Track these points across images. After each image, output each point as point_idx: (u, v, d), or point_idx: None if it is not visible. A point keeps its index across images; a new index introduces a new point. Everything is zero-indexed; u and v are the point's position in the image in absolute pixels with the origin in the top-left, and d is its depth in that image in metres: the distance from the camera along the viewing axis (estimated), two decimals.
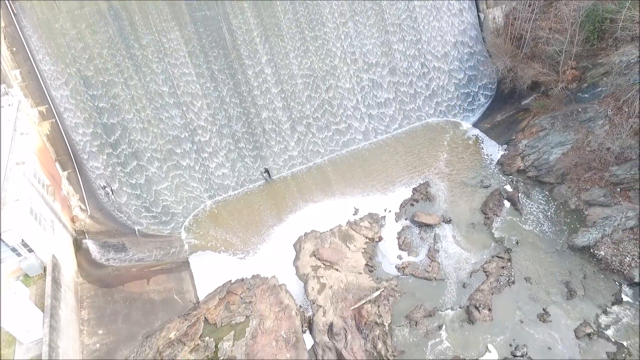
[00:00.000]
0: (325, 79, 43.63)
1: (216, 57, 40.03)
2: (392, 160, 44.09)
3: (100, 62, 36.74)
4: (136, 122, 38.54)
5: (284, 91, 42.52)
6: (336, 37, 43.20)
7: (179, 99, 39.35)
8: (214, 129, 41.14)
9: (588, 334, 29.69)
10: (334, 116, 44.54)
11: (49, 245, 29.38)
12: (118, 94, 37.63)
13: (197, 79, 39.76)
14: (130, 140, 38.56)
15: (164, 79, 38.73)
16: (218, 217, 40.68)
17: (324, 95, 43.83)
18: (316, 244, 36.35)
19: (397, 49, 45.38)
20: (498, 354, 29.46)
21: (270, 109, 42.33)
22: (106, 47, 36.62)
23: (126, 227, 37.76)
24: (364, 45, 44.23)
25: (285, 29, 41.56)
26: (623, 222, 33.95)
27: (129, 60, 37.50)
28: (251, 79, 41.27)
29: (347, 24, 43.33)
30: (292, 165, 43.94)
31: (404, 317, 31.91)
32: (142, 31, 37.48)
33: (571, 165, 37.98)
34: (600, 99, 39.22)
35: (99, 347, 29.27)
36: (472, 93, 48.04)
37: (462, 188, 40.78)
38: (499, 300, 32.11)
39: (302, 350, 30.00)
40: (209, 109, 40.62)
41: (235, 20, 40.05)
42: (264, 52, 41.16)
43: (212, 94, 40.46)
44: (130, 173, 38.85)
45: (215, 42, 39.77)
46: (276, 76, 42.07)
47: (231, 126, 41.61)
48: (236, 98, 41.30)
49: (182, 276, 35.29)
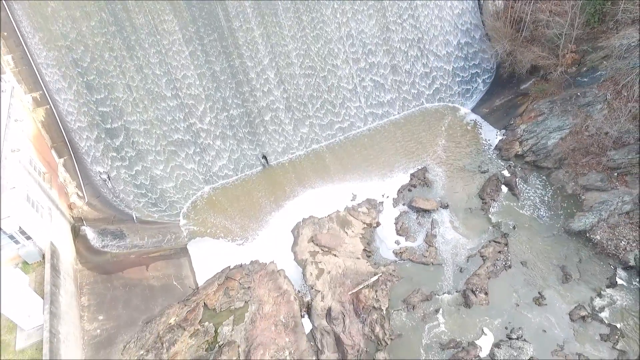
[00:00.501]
0: (325, 65, 43.07)
1: (209, 36, 39.22)
2: (390, 146, 43.97)
3: (96, 50, 36.09)
4: (132, 108, 38.12)
5: (279, 72, 42.00)
6: (332, 14, 42.47)
7: (172, 76, 38.67)
8: (211, 115, 40.76)
9: (582, 317, 30.14)
10: (332, 105, 44.13)
11: (46, 233, 29.37)
12: (115, 84, 37.08)
13: (190, 59, 39.04)
14: (127, 127, 38.19)
15: (158, 61, 38.12)
16: (216, 203, 40.68)
17: (322, 84, 43.34)
18: (314, 229, 36.47)
19: (395, 30, 44.70)
20: (494, 336, 29.92)
21: (266, 92, 41.86)
22: (100, 33, 35.91)
23: (124, 214, 37.75)
24: (360, 30, 43.56)
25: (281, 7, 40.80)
26: (619, 206, 34.13)
27: (121, 41, 36.78)
28: (247, 61, 40.68)
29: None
30: (290, 152, 43.75)
31: (401, 302, 32.26)
32: (134, 11, 36.71)
33: (569, 150, 37.96)
34: (599, 83, 38.98)
35: (100, 332, 29.56)
36: (471, 77, 47.63)
37: (460, 173, 40.79)
38: (495, 284, 32.47)
39: (301, 334, 30.38)
40: (205, 91, 40.12)
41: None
42: (257, 26, 40.33)
43: (205, 74, 39.84)
44: (127, 160, 38.60)
45: (208, 19, 39.01)
46: (273, 60, 41.51)
47: (228, 110, 41.22)
48: (232, 81, 40.79)
49: (181, 262, 35.46)
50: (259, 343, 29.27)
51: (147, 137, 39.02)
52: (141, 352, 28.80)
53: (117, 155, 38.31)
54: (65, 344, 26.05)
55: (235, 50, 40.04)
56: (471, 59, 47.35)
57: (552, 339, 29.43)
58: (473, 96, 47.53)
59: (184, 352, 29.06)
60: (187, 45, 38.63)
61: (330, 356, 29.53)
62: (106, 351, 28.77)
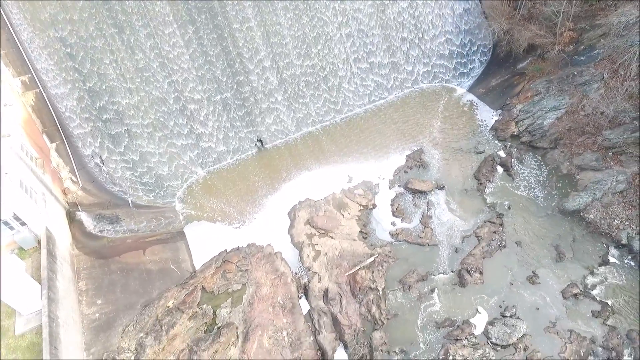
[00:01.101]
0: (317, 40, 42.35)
1: (201, 14, 38.33)
2: (386, 128, 43.72)
3: (82, 29, 35.17)
4: (124, 91, 37.45)
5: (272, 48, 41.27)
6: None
7: (165, 58, 37.91)
8: (204, 96, 40.15)
9: (575, 294, 30.71)
10: (325, 80, 43.57)
11: (41, 218, 29.22)
12: (100, 59, 36.26)
13: (183, 40, 38.24)
14: (117, 107, 37.61)
15: (151, 45, 37.28)
16: (212, 187, 40.54)
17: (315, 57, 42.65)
18: (310, 212, 36.53)
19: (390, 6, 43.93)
20: (488, 315, 30.48)
21: (259, 70, 41.15)
22: (87, 11, 34.93)
23: (119, 199, 37.58)
24: (356, 8, 42.68)
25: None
26: (613, 185, 34.39)
27: (110, 21, 35.86)
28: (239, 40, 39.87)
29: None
30: (286, 134, 43.43)
31: (397, 282, 32.66)
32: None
33: (565, 130, 37.94)
34: (596, 62, 38.67)
35: (99, 316, 29.80)
36: (467, 57, 47.06)
37: (455, 154, 40.76)
38: (490, 264, 32.89)
39: (299, 315, 30.78)
40: (197, 71, 39.41)
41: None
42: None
43: (199, 58, 39.12)
44: (119, 143, 38.16)
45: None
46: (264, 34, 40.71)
47: (221, 92, 40.59)
48: (224, 61, 40.03)
49: (178, 246, 35.54)
50: (257, 324, 29.65)
51: (139, 120, 38.48)
52: (141, 334, 29.11)
53: (109, 138, 37.82)
54: (64, 328, 26.26)
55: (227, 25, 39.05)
56: (468, 39, 46.64)
57: (545, 316, 30.04)
58: (469, 76, 47.09)
59: (183, 334, 29.41)
60: (179, 28, 37.73)
61: (328, 336, 30.01)
62: (106, 334, 29.06)
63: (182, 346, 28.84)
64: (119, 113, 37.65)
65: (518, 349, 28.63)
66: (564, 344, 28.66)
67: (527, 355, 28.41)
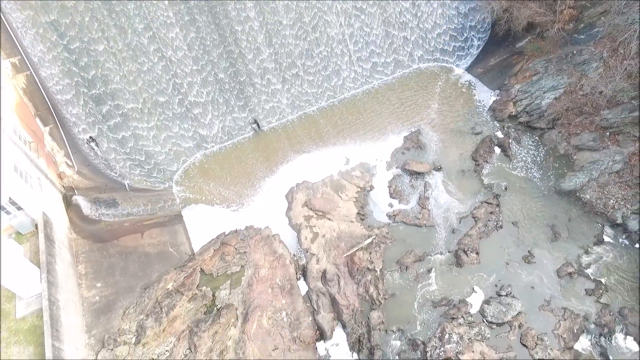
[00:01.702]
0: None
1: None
2: (384, 109, 43.36)
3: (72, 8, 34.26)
4: (115, 72, 36.78)
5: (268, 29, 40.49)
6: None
7: (158, 39, 37.18)
8: (198, 78, 39.51)
9: (569, 273, 31.15)
10: (323, 61, 42.90)
11: (38, 203, 29.07)
12: (94, 40, 35.47)
13: (176, 23, 37.44)
14: (111, 90, 37.00)
15: (143, 27, 36.43)
16: (209, 170, 40.35)
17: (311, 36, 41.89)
18: (308, 194, 36.54)
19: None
20: (484, 294, 30.94)
21: (255, 51, 40.48)
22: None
23: (116, 182, 37.39)
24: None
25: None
26: (610, 165, 34.47)
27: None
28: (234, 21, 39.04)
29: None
30: (282, 116, 43.02)
31: (394, 263, 32.98)
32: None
33: (563, 110, 37.74)
34: (596, 41, 38.17)
35: (99, 299, 30.02)
36: (466, 36, 46.34)
37: (453, 135, 40.60)
38: (486, 244, 33.20)
39: (297, 296, 31.14)
40: (190, 52, 38.66)
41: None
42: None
43: (194, 41, 38.36)
44: (114, 127, 37.71)
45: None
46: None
47: (216, 74, 39.95)
48: (218, 41, 39.30)
49: (176, 229, 35.62)
50: (256, 305, 29.99)
51: (133, 103, 37.93)
52: (141, 316, 29.42)
53: (103, 120, 37.31)
54: (65, 311, 26.48)
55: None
56: (466, 17, 45.81)
57: (540, 295, 30.53)
58: (467, 56, 46.49)
59: (183, 316, 29.76)
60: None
61: (326, 316, 30.44)
62: (106, 317, 29.35)
63: (182, 327, 29.21)
64: (112, 94, 37.05)
65: (513, 327, 29.19)
66: (557, 322, 29.22)
67: (522, 332, 28.98)
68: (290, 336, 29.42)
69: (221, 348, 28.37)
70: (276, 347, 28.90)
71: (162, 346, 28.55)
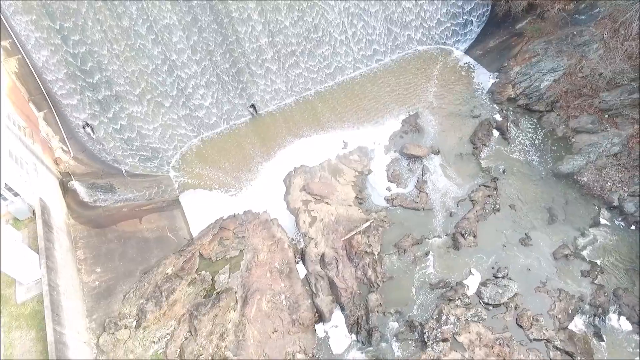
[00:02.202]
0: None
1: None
2: (382, 92, 42.95)
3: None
4: (110, 57, 36.16)
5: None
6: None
7: (152, 21, 36.48)
8: (194, 61, 38.92)
9: (565, 255, 31.45)
10: (319, 45, 42.27)
11: (34, 189, 28.93)
12: (87, 26, 34.75)
13: (172, 9, 36.69)
14: (108, 76, 36.44)
15: (137, 11, 35.65)
16: (206, 155, 40.15)
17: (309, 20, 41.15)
18: (306, 178, 36.48)
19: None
20: (481, 276, 31.27)
21: (252, 35, 39.80)
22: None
23: (113, 168, 37.17)
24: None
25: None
26: (608, 148, 34.46)
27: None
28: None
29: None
30: (280, 100, 42.58)
31: (392, 246, 33.18)
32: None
33: (562, 93, 37.49)
34: (596, 21, 37.64)
35: (98, 284, 30.19)
36: (465, 17, 45.58)
37: (451, 118, 40.38)
38: (484, 227, 33.38)
39: (296, 279, 31.39)
40: (188, 41, 38.06)
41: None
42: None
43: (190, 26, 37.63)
44: (110, 110, 37.27)
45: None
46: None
47: (211, 58, 39.33)
48: (216, 28, 38.58)
49: (174, 214, 35.60)
50: (255, 289, 30.25)
51: (129, 87, 37.41)
52: (141, 300, 29.66)
53: (98, 105, 36.84)
54: (65, 296, 26.64)
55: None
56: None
57: (536, 277, 30.87)
58: (467, 37, 45.84)
59: (183, 300, 30.03)
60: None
61: (325, 299, 30.77)
62: (107, 301, 29.57)
63: (182, 311, 29.51)
64: (108, 79, 36.52)
65: (509, 308, 29.59)
66: (553, 302, 29.63)
67: (518, 313, 29.40)
68: (290, 319, 29.77)
69: (221, 331, 28.73)
70: (275, 329, 29.27)
71: (163, 329, 28.89)
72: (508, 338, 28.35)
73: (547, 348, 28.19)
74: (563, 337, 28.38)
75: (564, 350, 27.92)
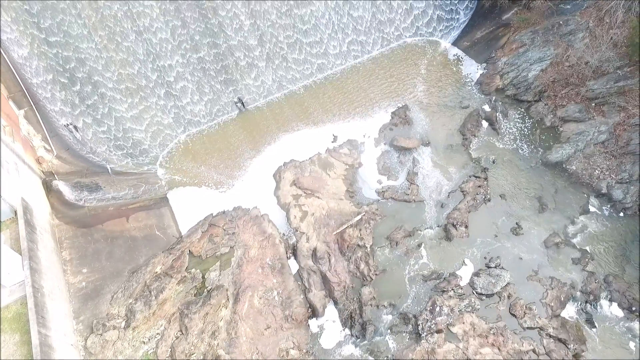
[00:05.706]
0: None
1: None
2: (371, 85, 42.69)
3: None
4: (91, 50, 35.23)
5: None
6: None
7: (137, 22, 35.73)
8: (178, 54, 38.16)
9: (556, 244, 31.59)
10: (307, 37, 41.81)
11: (15, 189, 28.04)
12: (67, 21, 33.79)
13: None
14: (90, 72, 35.51)
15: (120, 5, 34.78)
16: (194, 151, 39.48)
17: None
18: (296, 173, 36.08)
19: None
20: (474, 266, 31.24)
21: (237, 27, 39.20)
22: None
23: (98, 166, 36.29)
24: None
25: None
26: (595, 136, 34.69)
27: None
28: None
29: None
30: (268, 94, 42.03)
31: (384, 239, 32.98)
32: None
33: (549, 82, 37.63)
34: (582, 10, 37.85)
35: (85, 285, 29.44)
36: (452, 9, 45.53)
37: (440, 110, 40.29)
38: (475, 218, 33.35)
39: (288, 275, 31.02)
40: (172, 32, 37.27)
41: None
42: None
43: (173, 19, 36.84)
44: (94, 107, 36.37)
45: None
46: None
47: (197, 53, 38.59)
48: (201, 21, 37.85)
49: (162, 212, 34.93)
50: (247, 285, 29.80)
51: (113, 82, 36.52)
52: (130, 300, 29.01)
53: (81, 103, 35.93)
54: (50, 298, 25.89)
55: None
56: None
57: (528, 266, 30.95)
58: (454, 29, 45.79)
59: (173, 298, 29.45)
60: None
61: (318, 294, 30.45)
62: (94, 302, 28.86)
63: (172, 310, 28.94)
64: (89, 72, 35.58)
65: (502, 297, 29.62)
66: (545, 291, 29.74)
67: (511, 302, 29.45)
68: (282, 315, 29.40)
69: (213, 329, 28.24)
70: (268, 326, 28.88)
71: (153, 329, 28.30)
72: (502, 327, 28.38)
73: (540, 336, 28.28)
74: (556, 325, 28.50)
75: (557, 337, 28.04)
